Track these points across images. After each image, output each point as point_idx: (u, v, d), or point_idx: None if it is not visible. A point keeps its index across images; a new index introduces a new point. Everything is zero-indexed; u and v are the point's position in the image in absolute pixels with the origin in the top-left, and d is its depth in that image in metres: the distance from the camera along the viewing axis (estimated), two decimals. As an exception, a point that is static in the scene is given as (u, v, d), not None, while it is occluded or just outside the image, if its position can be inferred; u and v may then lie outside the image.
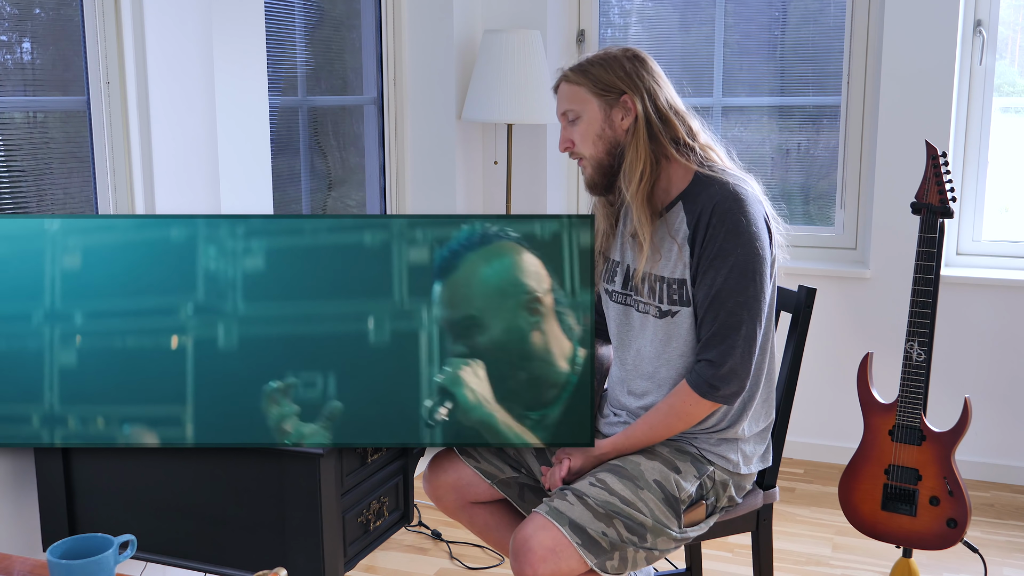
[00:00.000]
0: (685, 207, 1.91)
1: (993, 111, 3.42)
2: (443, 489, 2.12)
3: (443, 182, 3.61)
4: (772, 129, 3.75)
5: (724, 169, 1.93)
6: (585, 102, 1.94)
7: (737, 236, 1.84)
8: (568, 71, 1.99)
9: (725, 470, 1.97)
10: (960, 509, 2.42)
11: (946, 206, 2.43)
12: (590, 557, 1.81)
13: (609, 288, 2.06)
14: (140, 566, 2.23)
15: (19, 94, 2.17)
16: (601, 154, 1.94)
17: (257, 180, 2.67)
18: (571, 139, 1.97)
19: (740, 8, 3.71)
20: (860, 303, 3.52)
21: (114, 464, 1.95)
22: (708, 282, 1.86)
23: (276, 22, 2.97)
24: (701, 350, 1.89)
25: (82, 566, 1.40)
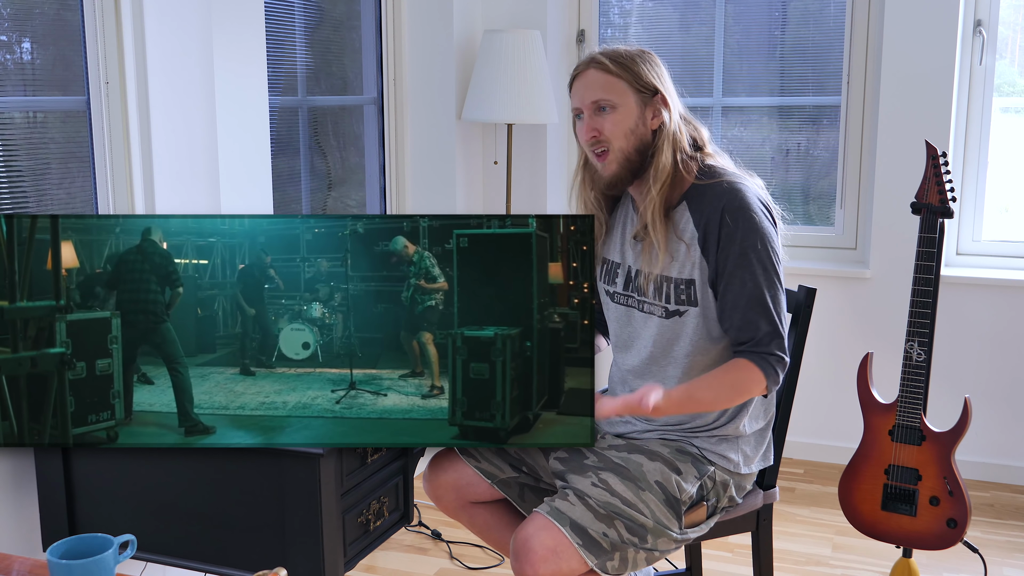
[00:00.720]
0: (690, 207, 1.91)
1: (993, 111, 3.42)
2: (443, 489, 2.12)
3: (443, 182, 3.61)
4: (772, 129, 3.75)
5: (723, 169, 1.94)
6: (623, 94, 1.91)
7: (755, 233, 1.86)
8: (606, 60, 1.93)
9: (726, 470, 1.97)
10: (960, 509, 2.42)
11: (946, 206, 2.43)
12: (591, 557, 1.81)
13: (610, 289, 2.06)
14: (140, 566, 2.23)
15: (19, 94, 2.17)
16: (631, 149, 1.92)
17: (257, 180, 2.67)
18: (599, 128, 1.92)
19: (740, 8, 3.71)
20: (860, 303, 3.52)
21: (114, 464, 1.95)
22: (738, 283, 1.87)
23: (276, 22, 2.97)
24: (756, 343, 1.89)
25: (82, 566, 1.40)
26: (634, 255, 2.00)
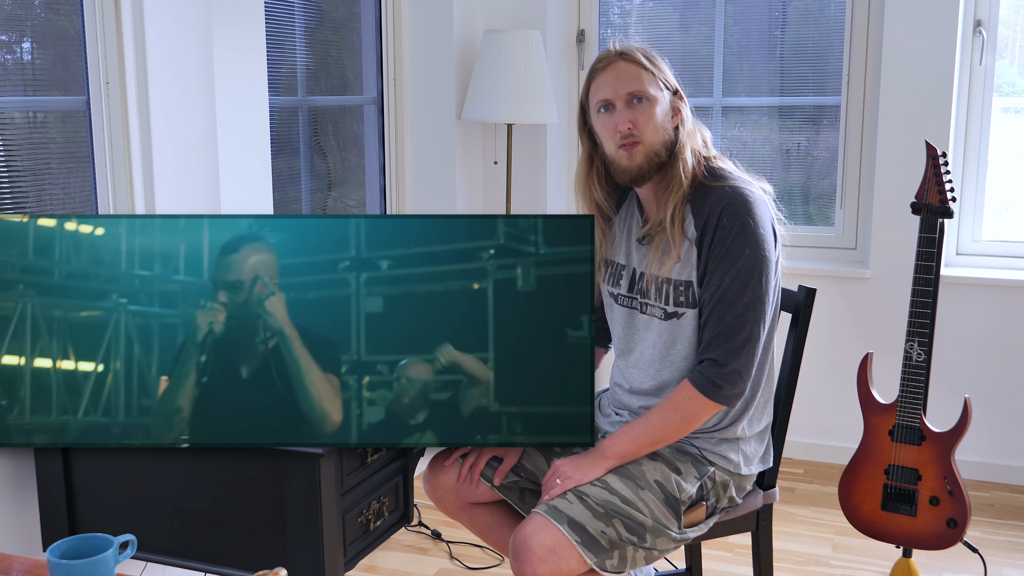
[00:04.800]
0: (693, 209, 1.91)
1: (993, 111, 3.42)
2: (443, 490, 2.12)
3: (443, 182, 3.61)
4: (772, 129, 3.75)
5: (731, 173, 1.94)
6: (658, 89, 1.93)
7: (745, 238, 1.84)
8: (637, 54, 1.94)
9: (726, 471, 1.97)
10: (960, 509, 2.42)
11: (946, 206, 2.43)
12: (590, 556, 1.81)
13: (614, 291, 2.06)
14: (140, 566, 2.23)
15: (19, 94, 2.17)
16: (659, 145, 1.92)
17: (257, 180, 2.67)
18: (634, 120, 1.91)
19: (740, 8, 3.71)
20: (860, 303, 3.52)
21: (114, 464, 1.95)
22: (715, 282, 1.86)
23: (276, 22, 2.97)
24: (704, 349, 1.89)
25: (82, 566, 1.40)
26: (639, 257, 2.00)
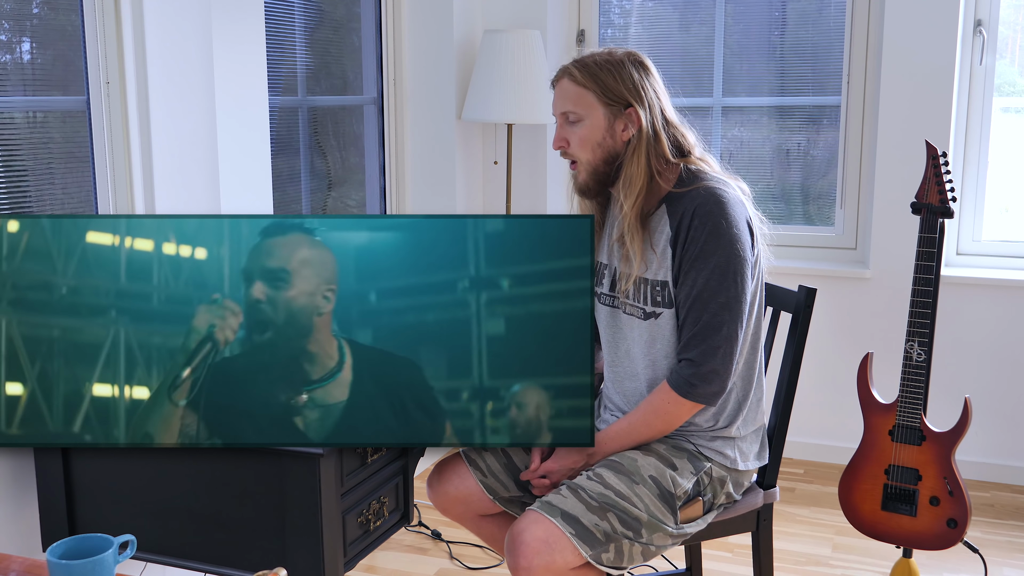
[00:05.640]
0: (668, 210, 1.91)
1: (993, 111, 3.42)
2: (450, 502, 2.13)
3: (443, 182, 3.61)
4: (772, 129, 3.75)
5: (706, 173, 1.93)
6: (590, 107, 1.91)
7: (718, 238, 1.84)
8: (574, 70, 1.93)
9: (722, 466, 1.97)
10: (960, 509, 2.42)
11: (946, 206, 2.43)
12: (584, 548, 1.80)
13: (598, 290, 2.06)
14: (140, 566, 2.23)
15: (19, 94, 2.17)
16: (598, 161, 1.93)
17: (257, 180, 2.67)
18: (567, 139, 1.94)
19: (740, 8, 3.71)
20: (860, 303, 3.52)
21: (114, 464, 1.95)
22: (689, 283, 1.86)
23: (276, 22, 2.97)
24: (682, 350, 1.89)
25: (82, 566, 1.40)
26: (618, 257, 2.00)
